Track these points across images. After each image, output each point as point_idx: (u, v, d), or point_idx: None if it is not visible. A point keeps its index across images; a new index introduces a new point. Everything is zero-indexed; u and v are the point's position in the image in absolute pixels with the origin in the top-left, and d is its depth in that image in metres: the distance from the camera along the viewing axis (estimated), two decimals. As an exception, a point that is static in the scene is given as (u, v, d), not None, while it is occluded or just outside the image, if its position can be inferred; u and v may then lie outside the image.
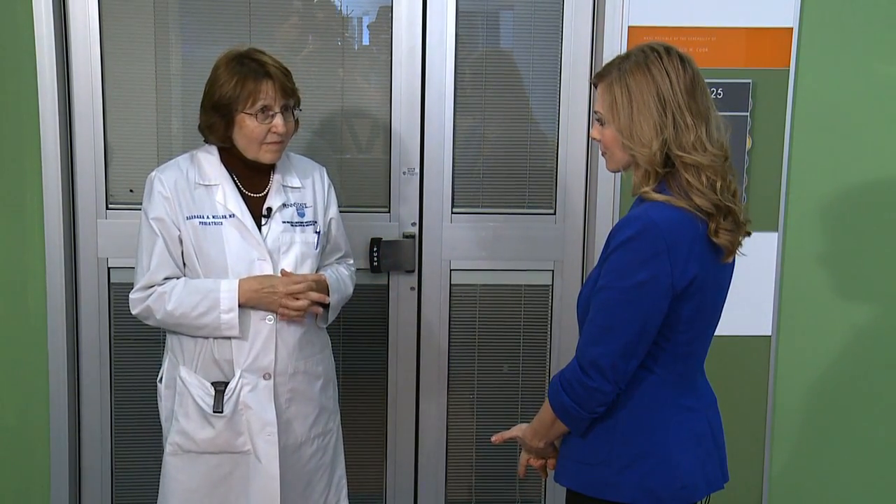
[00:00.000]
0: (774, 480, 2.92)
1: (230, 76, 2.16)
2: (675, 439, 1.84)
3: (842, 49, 2.74)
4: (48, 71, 2.63)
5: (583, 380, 1.78)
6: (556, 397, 1.85)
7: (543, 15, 2.81)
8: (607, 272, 1.77)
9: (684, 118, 1.76)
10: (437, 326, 2.90)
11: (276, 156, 2.22)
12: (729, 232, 1.78)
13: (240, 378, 2.22)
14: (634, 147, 1.79)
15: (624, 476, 1.83)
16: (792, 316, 2.85)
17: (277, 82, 2.16)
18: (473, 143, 2.86)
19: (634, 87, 1.79)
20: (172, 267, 2.22)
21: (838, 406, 2.91)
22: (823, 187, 2.81)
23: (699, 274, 1.76)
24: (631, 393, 1.82)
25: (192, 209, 2.21)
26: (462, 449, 2.99)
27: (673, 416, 1.85)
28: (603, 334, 1.77)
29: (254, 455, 2.24)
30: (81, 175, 2.75)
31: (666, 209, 1.76)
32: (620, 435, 1.84)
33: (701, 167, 1.75)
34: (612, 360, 1.76)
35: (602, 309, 1.78)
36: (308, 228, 2.29)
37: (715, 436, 1.91)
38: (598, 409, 1.81)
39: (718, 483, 1.91)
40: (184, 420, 2.26)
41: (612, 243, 1.77)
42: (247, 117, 2.15)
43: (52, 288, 2.72)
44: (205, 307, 2.17)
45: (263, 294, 2.18)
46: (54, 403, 2.77)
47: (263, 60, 2.19)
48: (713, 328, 1.91)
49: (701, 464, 1.86)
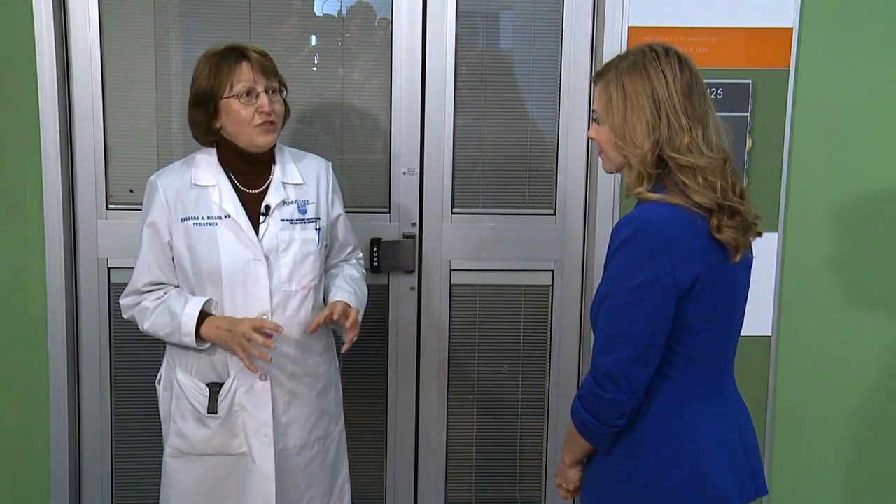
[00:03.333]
0: (774, 481, 2.92)
1: (207, 68, 2.17)
2: (702, 447, 1.77)
3: (842, 49, 2.74)
4: (48, 71, 2.63)
5: (597, 392, 1.74)
6: (578, 415, 1.81)
7: (543, 15, 2.81)
8: (609, 277, 1.75)
9: (679, 120, 1.74)
10: (437, 327, 2.90)
11: (270, 137, 2.18)
12: (733, 229, 1.74)
13: (234, 379, 2.21)
14: (626, 147, 1.77)
15: (651, 490, 1.77)
16: (792, 316, 2.85)
17: (255, 63, 2.15)
18: (473, 144, 2.86)
19: (630, 86, 1.77)
20: (155, 273, 2.22)
21: (838, 406, 2.91)
22: (823, 187, 2.81)
23: (703, 271, 1.72)
24: (651, 402, 1.77)
25: (188, 211, 2.20)
26: (462, 449, 2.99)
27: (698, 422, 1.78)
28: (611, 342, 1.73)
29: (250, 457, 2.24)
30: (81, 175, 2.75)
31: (661, 207, 1.73)
32: (644, 447, 1.78)
33: (696, 168, 1.72)
34: (624, 368, 1.71)
35: (608, 317, 1.74)
36: (309, 226, 2.26)
37: (746, 442, 1.84)
38: (617, 421, 1.75)
39: (751, 494, 1.83)
40: (181, 422, 2.25)
41: (612, 246, 1.76)
42: (231, 101, 2.14)
43: (52, 288, 2.72)
44: (171, 328, 2.18)
45: (223, 335, 2.14)
46: (54, 404, 2.77)
47: (239, 47, 2.18)
48: (737, 330, 1.86)
49: (732, 472, 1.79)
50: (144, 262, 2.22)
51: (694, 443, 1.77)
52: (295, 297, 2.23)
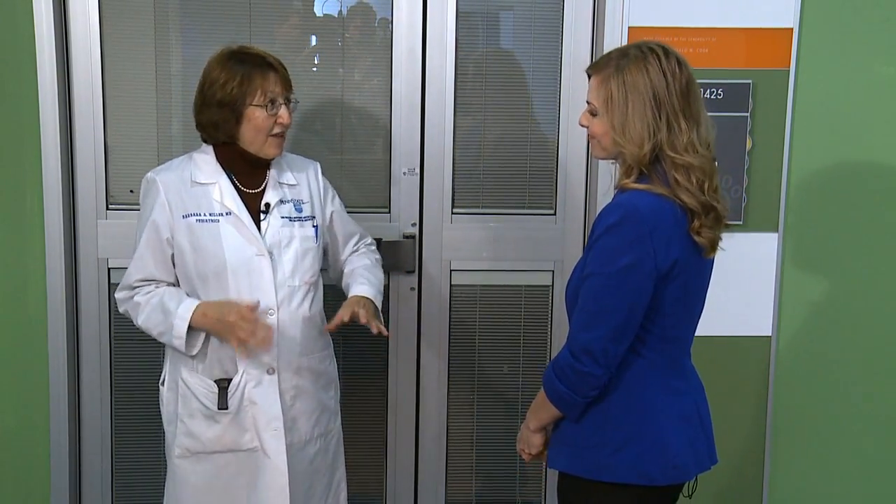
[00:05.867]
0: (774, 481, 2.92)
1: (233, 73, 2.17)
2: (665, 420, 1.89)
3: (842, 49, 2.74)
4: (48, 71, 2.63)
5: (575, 365, 1.83)
6: (551, 385, 1.90)
7: (543, 15, 2.82)
8: (593, 259, 1.83)
9: (678, 121, 1.82)
10: (438, 327, 2.90)
11: (279, 149, 2.25)
12: (710, 230, 1.84)
13: (243, 374, 2.22)
14: (625, 144, 1.84)
15: (618, 457, 1.88)
16: (792, 316, 2.85)
17: (280, 74, 2.21)
18: (473, 144, 2.86)
19: (632, 86, 1.83)
20: (149, 270, 2.23)
21: (838, 407, 2.91)
22: (823, 188, 2.81)
23: (680, 258, 1.82)
24: (622, 376, 1.88)
25: (189, 208, 2.21)
26: (462, 449, 2.99)
27: (662, 397, 1.89)
28: (592, 320, 1.82)
29: (261, 451, 2.25)
30: (81, 175, 2.75)
31: (646, 196, 1.82)
32: (613, 417, 1.88)
33: (691, 168, 1.81)
34: (603, 345, 1.81)
35: (590, 295, 1.83)
36: (307, 223, 2.29)
37: (702, 417, 1.96)
38: (591, 392, 1.86)
39: (706, 464, 1.96)
40: (189, 422, 2.26)
41: (597, 230, 1.83)
42: (256, 109, 2.17)
43: (52, 288, 2.72)
44: (163, 328, 2.19)
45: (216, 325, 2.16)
46: (54, 405, 2.77)
47: (262, 54, 2.22)
48: (698, 315, 1.97)
49: (690, 444, 1.91)
50: (140, 258, 2.23)
51: (657, 416, 1.89)
52: (298, 293, 2.25)
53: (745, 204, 2.77)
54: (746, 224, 2.77)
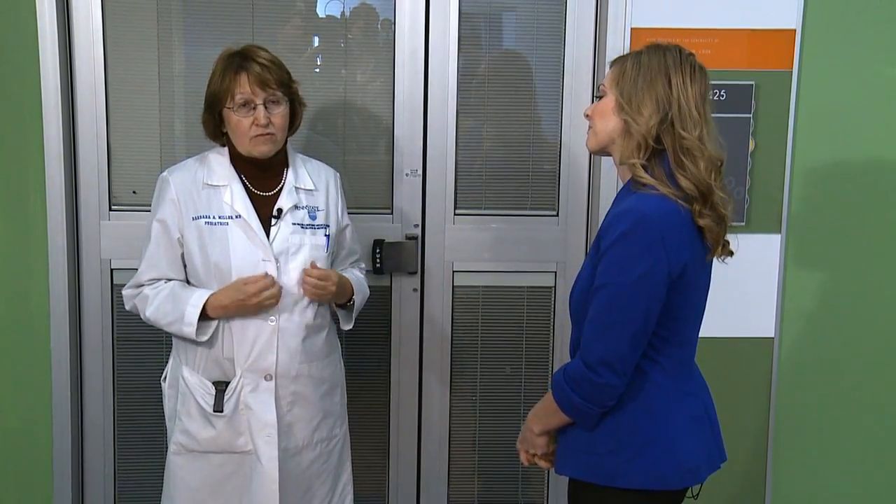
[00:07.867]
0: (777, 482, 2.92)
1: (215, 75, 2.19)
2: (677, 424, 1.88)
3: (845, 51, 2.74)
4: (51, 72, 2.63)
5: (592, 378, 1.80)
6: (564, 396, 1.86)
7: (546, 17, 2.82)
8: (606, 269, 1.79)
9: (690, 108, 1.80)
10: (440, 328, 2.90)
11: (267, 148, 2.19)
12: (710, 219, 1.81)
13: (240, 378, 2.21)
14: (632, 113, 1.82)
15: (633, 464, 1.85)
16: (794, 318, 2.85)
17: (252, 75, 2.14)
18: (476, 145, 2.86)
19: (647, 62, 1.84)
20: (162, 269, 2.23)
21: (841, 408, 2.91)
22: (826, 189, 2.80)
23: (689, 260, 1.81)
24: (637, 383, 1.85)
25: (199, 209, 2.21)
26: (465, 451, 2.99)
27: (674, 401, 1.88)
28: (609, 331, 1.79)
29: (255, 455, 2.24)
30: (84, 176, 2.76)
31: (654, 200, 1.79)
32: (626, 423, 1.86)
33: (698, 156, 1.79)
34: (621, 354, 1.78)
35: (605, 306, 1.79)
36: (319, 231, 2.27)
37: (710, 417, 1.96)
38: (608, 402, 1.83)
39: (717, 463, 1.97)
40: (186, 420, 2.26)
41: (607, 240, 1.80)
42: (230, 112, 2.16)
43: (55, 289, 2.73)
44: (173, 317, 2.19)
45: (236, 305, 2.16)
46: (57, 404, 2.77)
47: (247, 54, 2.18)
48: (701, 316, 1.96)
49: (702, 445, 1.92)
50: (152, 256, 2.23)
51: (670, 420, 1.87)
52: (302, 301, 2.23)
53: (747, 205, 2.76)
54: (749, 225, 2.77)
